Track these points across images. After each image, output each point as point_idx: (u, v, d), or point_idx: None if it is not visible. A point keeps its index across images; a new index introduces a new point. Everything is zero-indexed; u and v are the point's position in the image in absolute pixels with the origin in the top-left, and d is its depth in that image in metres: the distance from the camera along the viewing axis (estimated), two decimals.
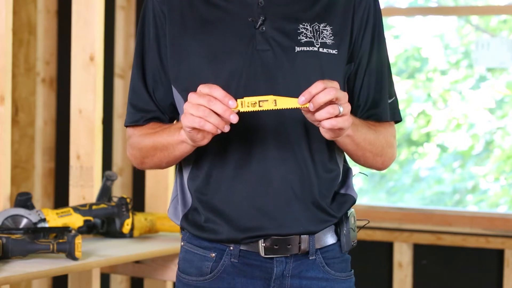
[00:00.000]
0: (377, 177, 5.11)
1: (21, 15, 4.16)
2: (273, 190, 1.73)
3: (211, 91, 1.59)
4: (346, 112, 1.61)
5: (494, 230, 3.78)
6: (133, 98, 1.84)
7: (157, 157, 1.78)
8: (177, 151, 1.73)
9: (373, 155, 1.79)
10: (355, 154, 1.78)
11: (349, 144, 1.74)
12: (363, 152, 1.77)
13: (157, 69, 1.81)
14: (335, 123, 1.59)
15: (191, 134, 1.63)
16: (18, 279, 2.21)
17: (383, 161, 1.83)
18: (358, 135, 1.73)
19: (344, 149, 1.78)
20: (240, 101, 1.59)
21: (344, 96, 1.60)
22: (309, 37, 1.75)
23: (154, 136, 1.78)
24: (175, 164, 1.82)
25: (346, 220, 1.81)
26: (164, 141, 1.74)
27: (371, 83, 1.82)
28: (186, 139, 1.68)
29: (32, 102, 4.20)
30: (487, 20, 4.85)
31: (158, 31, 1.81)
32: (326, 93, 1.57)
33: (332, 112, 1.58)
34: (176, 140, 1.71)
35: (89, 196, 2.90)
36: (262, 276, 1.77)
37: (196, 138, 1.64)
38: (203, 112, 1.58)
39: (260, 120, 1.72)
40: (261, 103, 1.60)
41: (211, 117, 1.58)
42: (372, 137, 1.77)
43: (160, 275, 2.94)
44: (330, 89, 1.58)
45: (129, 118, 1.84)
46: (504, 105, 4.78)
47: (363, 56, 1.81)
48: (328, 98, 1.57)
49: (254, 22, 1.75)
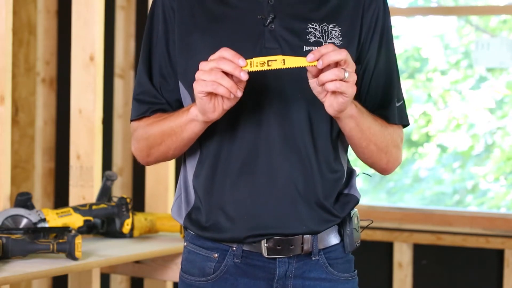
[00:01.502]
0: (377, 178, 5.10)
1: (21, 15, 4.15)
2: (277, 190, 1.73)
3: (220, 53, 1.59)
4: (352, 80, 1.59)
5: (494, 230, 3.78)
6: (139, 93, 1.83)
7: (165, 144, 1.76)
8: (186, 132, 1.71)
9: (377, 149, 1.77)
10: (359, 144, 1.75)
11: (354, 129, 1.71)
12: (367, 143, 1.75)
13: (165, 64, 1.81)
14: (339, 85, 1.57)
15: (203, 103, 1.62)
16: (18, 279, 2.21)
17: (388, 160, 1.81)
18: (363, 121, 1.71)
19: (348, 135, 1.74)
20: (249, 61, 1.60)
21: (352, 64, 1.59)
22: (317, 37, 1.75)
23: (161, 122, 1.76)
24: (182, 152, 1.80)
25: (349, 220, 1.81)
26: (172, 124, 1.73)
27: (379, 85, 1.81)
28: (196, 116, 1.66)
29: (32, 102, 4.20)
30: (487, 20, 4.85)
31: (167, 26, 1.80)
32: (337, 53, 1.57)
33: (338, 74, 1.57)
34: (185, 120, 1.70)
35: (89, 196, 2.90)
36: (265, 276, 1.77)
37: (208, 108, 1.62)
38: (215, 75, 1.58)
39: (266, 119, 1.72)
40: (270, 62, 1.60)
41: (223, 80, 1.58)
42: (377, 128, 1.75)
43: (160, 275, 2.94)
44: (341, 50, 1.57)
45: (136, 112, 1.83)
46: (504, 105, 4.77)
47: (371, 58, 1.80)
48: (338, 57, 1.57)
49: (263, 19, 1.75)
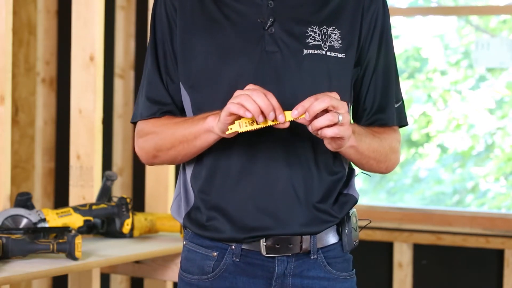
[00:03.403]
0: (377, 177, 5.10)
1: (21, 15, 4.15)
2: (276, 192, 1.73)
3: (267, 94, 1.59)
4: (346, 122, 1.60)
5: (494, 230, 3.78)
6: (149, 91, 1.83)
7: (175, 149, 1.76)
8: (199, 141, 1.71)
9: (377, 162, 1.79)
10: (359, 162, 1.78)
11: (353, 154, 1.73)
12: (367, 160, 1.78)
13: (171, 62, 1.81)
14: (337, 131, 1.58)
15: (225, 120, 1.61)
16: (18, 279, 2.21)
17: (387, 166, 1.84)
18: (362, 145, 1.72)
19: (348, 158, 1.78)
20: (238, 122, 1.60)
21: (342, 105, 1.59)
22: (317, 40, 1.75)
23: (174, 126, 1.76)
24: (190, 159, 1.79)
25: (347, 220, 1.82)
26: (186, 132, 1.72)
27: (377, 87, 1.82)
28: (212, 127, 1.66)
29: (32, 102, 4.20)
30: (487, 20, 4.85)
31: (170, 24, 1.80)
32: (321, 101, 1.57)
33: (332, 119, 1.57)
34: (201, 129, 1.69)
35: (89, 196, 2.90)
36: (264, 275, 1.77)
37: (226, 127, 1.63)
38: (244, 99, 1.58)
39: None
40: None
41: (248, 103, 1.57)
42: (376, 145, 1.77)
43: (160, 275, 2.94)
44: (324, 97, 1.57)
45: (145, 111, 1.82)
46: (504, 105, 4.77)
47: (371, 60, 1.81)
48: (322, 106, 1.57)
49: (263, 23, 1.76)
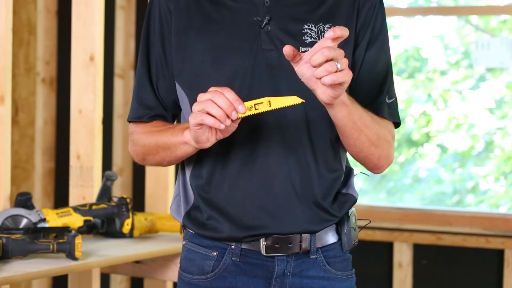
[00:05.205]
0: (377, 177, 5.11)
1: (21, 15, 4.15)
2: (275, 190, 1.73)
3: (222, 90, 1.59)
4: (345, 67, 1.57)
5: (494, 230, 3.78)
6: (138, 93, 1.85)
7: (159, 155, 1.79)
8: (179, 152, 1.74)
9: (368, 141, 1.75)
10: (351, 135, 1.73)
11: (346, 117, 1.68)
12: (358, 134, 1.72)
13: (160, 65, 1.82)
14: (335, 78, 1.55)
15: (196, 134, 1.64)
16: (18, 279, 2.21)
17: (379, 155, 1.78)
18: (354, 110, 1.69)
19: (340, 125, 1.71)
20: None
21: (340, 53, 1.56)
22: (313, 38, 1.75)
23: (157, 134, 1.79)
24: (177, 162, 1.83)
25: (347, 219, 1.81)
26: (167, 141, 1.75)
27: (371, 79, 1.81)
28: (189, 140, 1.69)
29: (32, 102, 4.20)
30: (487, 20, 4.85)
31: (163, 28, 1.81)
32: (320, 54, 1.54)
33: (330, 70, 1.55)
34: (179, 141, 1.72)
35: (89, 196, 2.90)
36: (263, 274, 1.77)
37: (201, 139, 1.64)
38: (204, 105, 1.58)
39: (263, 120, 1.72)
40: (257, 106, 1.61)
41: (212, 109, 1.57)
42: (368, 119, 1.74)
43: (160, 275, 2.94)
44: (323, 50, 1.55)
45: (132, 113, 1.86)
46: (504, 105, 4.78)
47: (366, 56, 1.80)
48: (322, 59, 1.54)
49: (259, 21, 1.76)
